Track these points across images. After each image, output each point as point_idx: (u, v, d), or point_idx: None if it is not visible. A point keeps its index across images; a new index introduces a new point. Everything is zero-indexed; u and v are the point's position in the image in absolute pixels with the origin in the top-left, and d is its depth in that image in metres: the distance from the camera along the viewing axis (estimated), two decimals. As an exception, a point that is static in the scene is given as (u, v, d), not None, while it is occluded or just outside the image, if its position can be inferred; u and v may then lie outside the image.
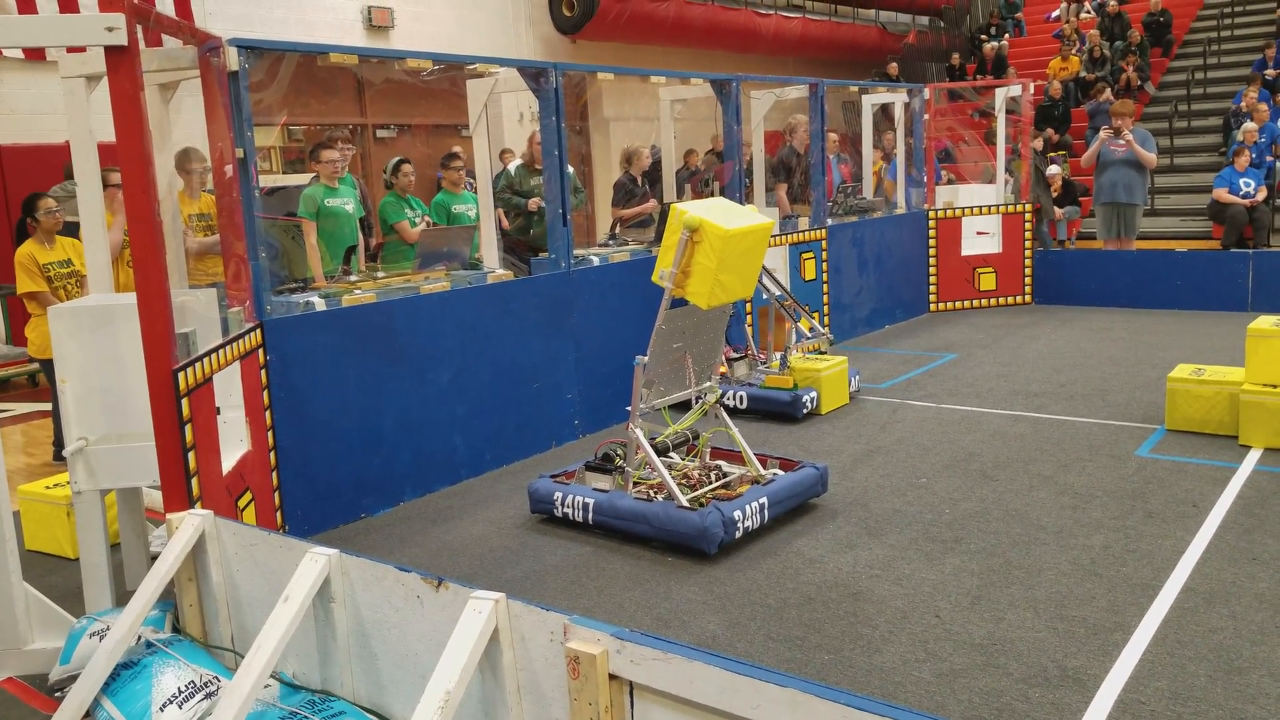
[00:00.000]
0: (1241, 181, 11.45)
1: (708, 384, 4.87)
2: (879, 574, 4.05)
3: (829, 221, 8.64)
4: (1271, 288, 8.94)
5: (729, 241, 4.26)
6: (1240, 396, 5.35)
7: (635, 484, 4.65)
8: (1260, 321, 5.38)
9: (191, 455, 3.68)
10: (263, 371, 4.60)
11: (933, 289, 10.06)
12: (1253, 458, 5.17)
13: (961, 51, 18.13)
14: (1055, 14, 18.44)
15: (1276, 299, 8.76)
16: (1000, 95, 10.56)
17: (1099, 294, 9.84)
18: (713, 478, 4.71)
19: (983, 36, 18.23)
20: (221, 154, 4.51)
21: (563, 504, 4.70)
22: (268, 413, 4.62)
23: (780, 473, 4.80)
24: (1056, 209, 12.42)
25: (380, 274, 5.88)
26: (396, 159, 7.10)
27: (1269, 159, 12.07)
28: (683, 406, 4.96)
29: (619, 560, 4.33)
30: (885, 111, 10.23)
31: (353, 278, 5.42)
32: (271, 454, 4.64)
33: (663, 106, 7.85)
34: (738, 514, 4.33)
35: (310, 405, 4.80)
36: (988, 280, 10.09)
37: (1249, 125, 12.21)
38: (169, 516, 3.54)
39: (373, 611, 3.03)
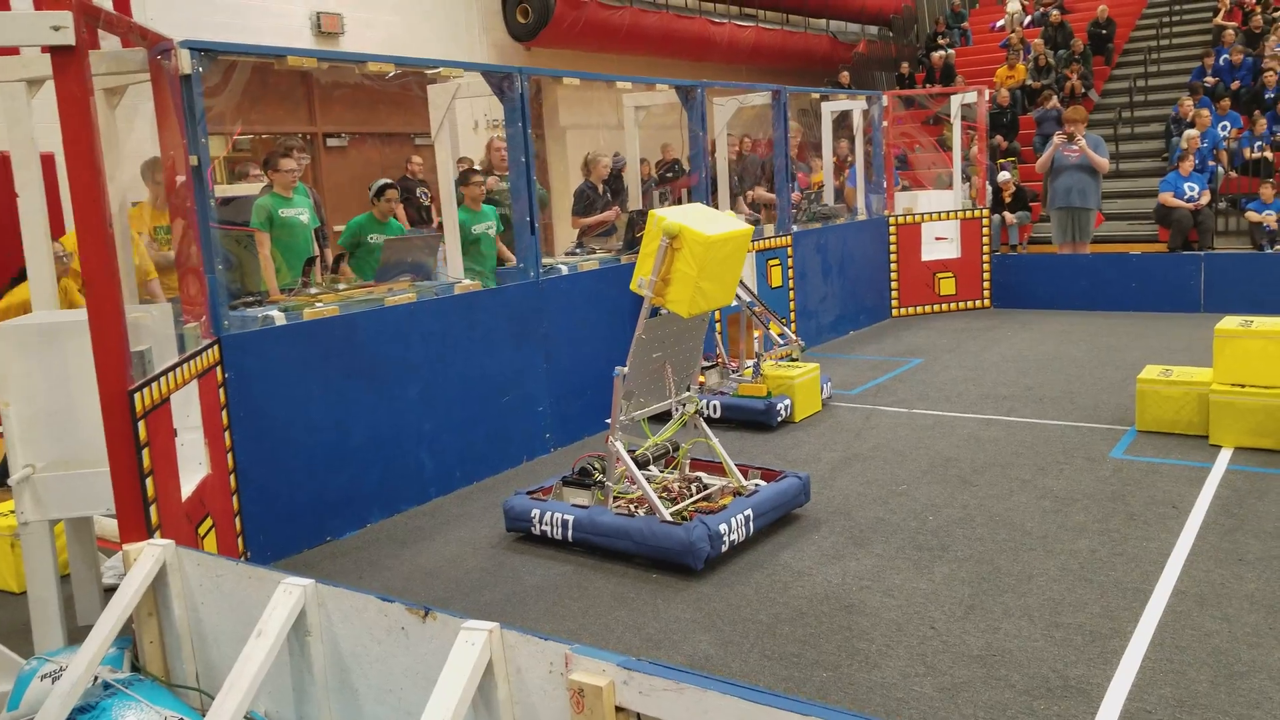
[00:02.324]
0: (1186, 186, 11.69)
1: (687, 394, 4.75)
2: (869, 585, 3.96)
3: (794, 228, 8.61)
4: (1222, 289, 9.11)
5: (710, 248, 4.16)
6: (1210, 396, 5.39)
7: (615, 499, 4.51)
8: (1226, 322, 5.43)
9: (149, 481, 3.47)
10: (221, 390, 4.38)
11: (895, 294, 10.09)
12: (1224, 457, 5.20)
13: (910, 61, 18.33)
14: (1000, 24, 18.74)
15: (1228, 300, 8.92)
16: (955, 102, 10.64)
17: (1056, 297, 9.95)
18: (694, 490, 4.59)
19: (939, 42, 18.44)
20: (174, 162, 4.29)
21: (540, 521, 4.55)
22: (227, 433, 4.40)
23: (762, 483, 4.70)
24: (1008, 214, 12.57)
25: (341, 286, 5.67)
26: (382, 182, 6.76)
27: (1210, 164, 12.34)
28: (660, 417, 4.84)
29: (601, 579, 4.19)
30: (844, 119, 10.25)
31: (313, 290, 5.21)
32: (232, 477, 4.42)
33: (627, 113, 7.74)
34: (723, 527, 4.21)
35: (271, 424, 4.59)
36: (948, 285, 10.15)
37: (1190, 132, 12.47)
38: (126, 548, 3.32)
39: (353, 644, 2.85)
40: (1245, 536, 4.20)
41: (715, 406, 6.44)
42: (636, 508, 4.43)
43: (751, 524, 4.39)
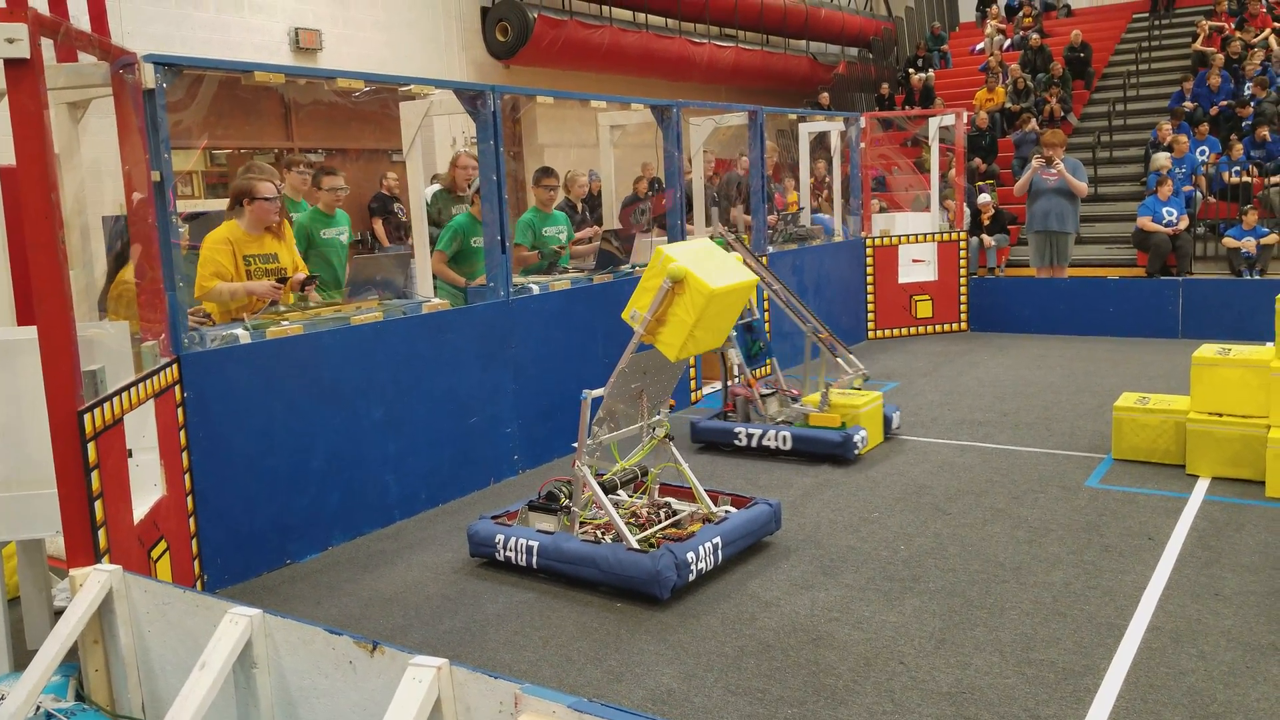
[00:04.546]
0: (1164, 210, 11.76)
1: (657, 417, 4.66)
2: (838, 617, 3.88)
3: (769, 249, 8.57)
4: (1201, 314, 9.12)
5: (713, 300, 4.01)
6: (1187, 426, 5.36)
7: (581, 524, 4.41)
8: (1204, 350, 5.40)
9: (98, 504, 3.36)
10: (180, 410, 4.27)
11: (871, 316, 10.06)
12: (1201, 487, 5.16)
13: (890, 82, 18.44)
14: (979, 46, 18.90)
15: (1206, 325, 8.94)
16: (933, 124, 10.67)
17: (1033, 321, 9.95)
18: (662, 516, 4.50)
19: (912, 69, 18.57)
20: (135, 177, 4.19)
21: (505, 547, 4.44)
22: (185, 454, 4.28)
23: (732, 510, 4.61)
24: (986, 237, 12.60)
25: (310, 304, 5.56)
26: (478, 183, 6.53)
27: (1187, 189, 12.43)
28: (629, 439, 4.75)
29: (565, 607, 4.09)
30: (821, 140, 10.25)
31: (280, 308, 5.10)
32: (189, 498, 4.30)
33: (602, 132, 7.70)
34: (690, 555, 4.11)
35: (231, 445, 4.47)
36: (924, 308, 10.13)
37: (1160, 156, 12.55)
38: (72, 572, 3.21)
39: (300, 678, 2.75)
40: (1222, 570, 4.15)
41: (785, 439, 5.98)
42: (603, 534, 4.33)
43: (720, 552, 4.29)
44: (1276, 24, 15.25)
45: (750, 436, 6.10)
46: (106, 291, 4.84)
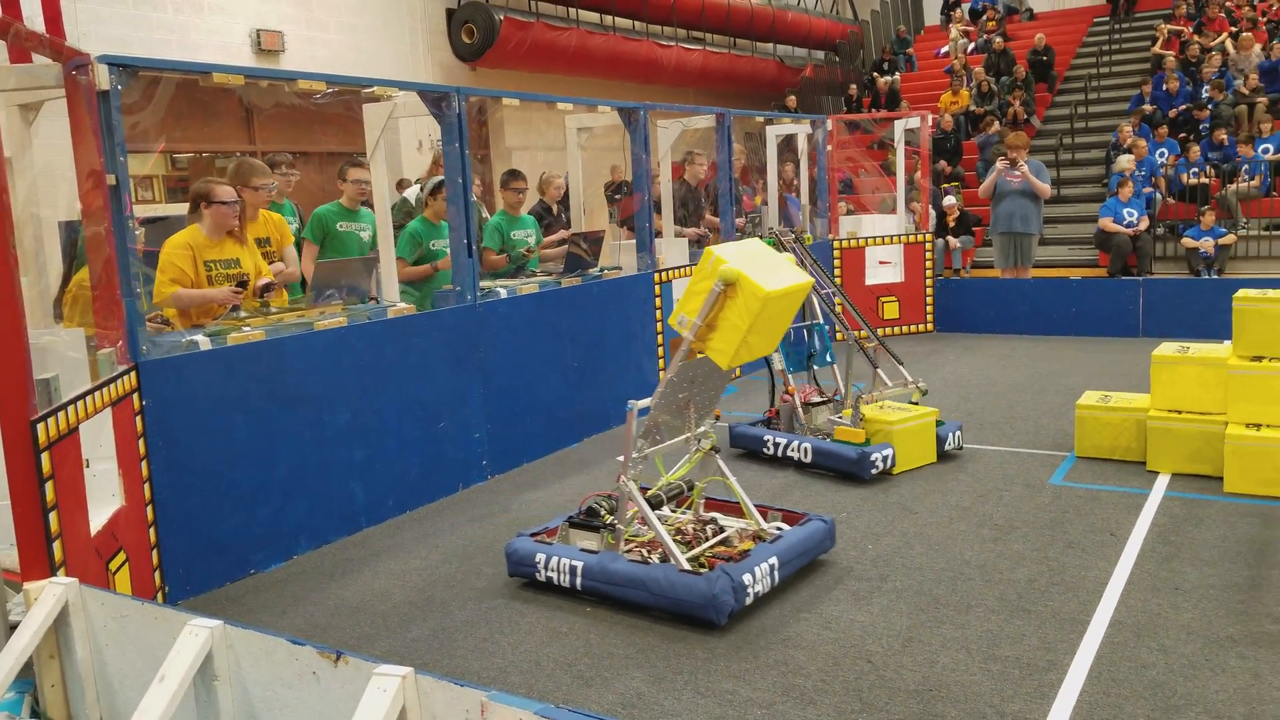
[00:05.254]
0: (1125, 211, 11.93)
1: (702, 429, 4.38)
2: (806, 616, 3.89)
3: (738, 251, 8.58)
4: (1161, 313, 9.27)
5: (768, 304, 3.78)
6: (1147, 423, 5.43)
7: (625, 542, 4.18)
8: (1163, 348, 5.48)
9: (53, 516, 3.29)
10: (138, 418, 4.20)
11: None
12: (1162, 483, 5.23)
13: (857, 85, 18.57)
14: (944, 50, 19.08)
15: (1166, 324, 9.07)
16: (899, 127, 10.76)
17: (998, 321, 10.05)
18: (710, 533, 4.24)
19: (875, 74, 18.73)
20: (89, 181, 4.12)
21: (546, 567, 4.15)
22: (144, 463, 4.21)
23: (785, 526, 4.35)
24: (952, 239, 12.72)
25: (272, 309, 5.49)
26: (438, 179, 6.41)
27: (1147, 191, 12.63)
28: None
29: (535, 613, 4.06)
30: (789, 142, 10.29)
31: (242, 314, 5.03)
32: (149, 509, 4.23)
33: (569, 134, 7.68)
34: (747, 578, 3.85)
35: (193, 454, 4.40)
36: (891, 309, 10.20)
37: (1121, 158, 12.75)
38: (26, 586, 3.14)
39: (262, 690, 2.70)
40: (1182, 564, 4.21)
41: (806, 450, 5.70)
42: (649, 552, 4.09)
43: (776, 573, 4.02)
44: (1233, 28, 15.54)
45: (777, 446, 5.88)
46: (61, 297, 4.75)
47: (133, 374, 4.18)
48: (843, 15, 21.78)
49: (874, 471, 5.44)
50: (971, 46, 18.40)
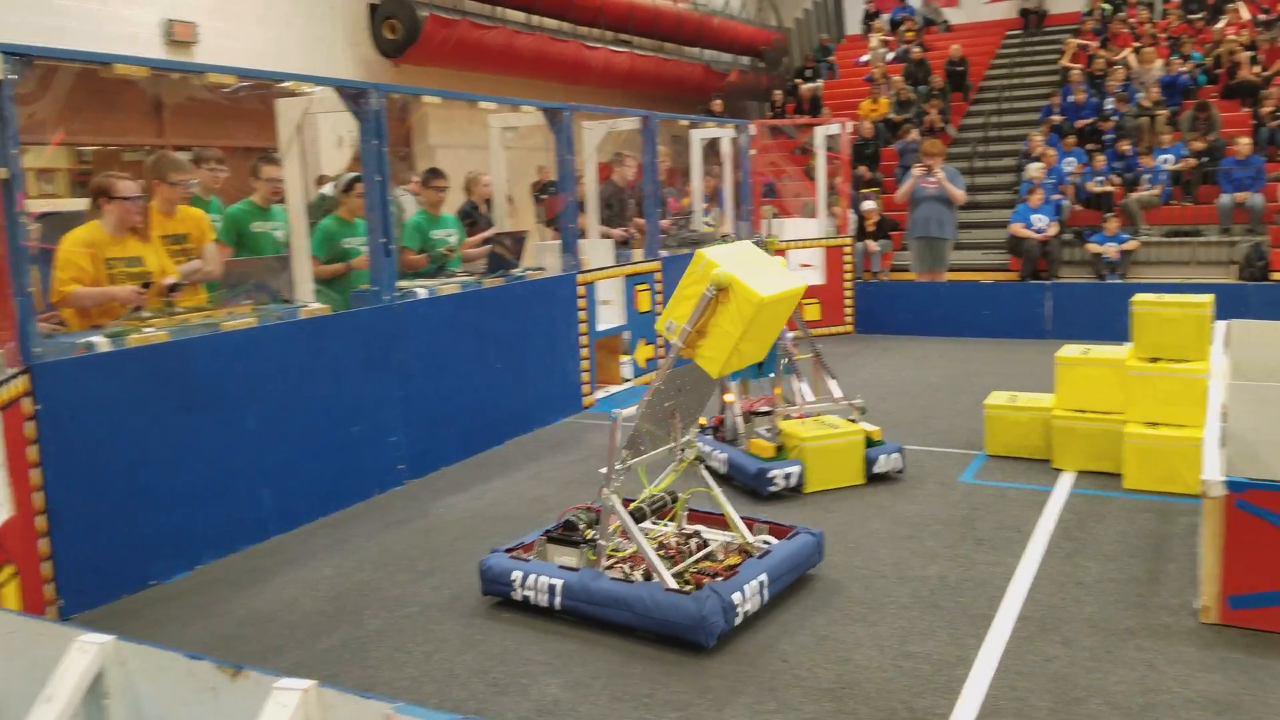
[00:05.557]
0: (1035, 217, 12.31)
1: (686, 438, 4.21)
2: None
3: (663, 253, 8.62)
4: (1068, 316, 9.58)
5: (762, 310, 3.65)
6: (1052, 422, 5.60)
7: (607, 557, 4.00)
8: (1066, 350, 5.66)
9: (-68, 527, 3.11)
10: (30, 423, 4.01)
11: (762, 320, 10.21)
12: (1066, 481, 5.40)
13: (782, 91, 18.79)
14: (865, 58, 19.44)
15: (1073, 327, 9.37)
16: (820, 133, 10.92)
17: (915, 323, 10.27)
18: (694, 547, 4.11)
19: (798, 80, 18.99)
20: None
21: (523, 585, 3.96)
22: (36, 471, 4.02)
23: (772, 540, 4.21)
24: (871, 242, 12.96)
25: (178, 310, 5.31)
26: (352, 175, 6.14)
27: (1056, 198, 13.06)
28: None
29: (450, 620, 4.00)
30: (713, 146, 10.37)
31: (144, 314, 4.84)
32: (41, 518, 4.04)
33: (493, 134, 7.60)
34: (737, 597, 3.70)
35: (90, 461, 4.22)
36: (812, 311, 10.34)
37: (1032, 166, 13.16)
38: (-99, 603, 2.97)
39: (158, 708, 2.59)
40: (1085, 559, 4.35)
41: (723, 460, 5.52)
42: (632, 568, 3.93)
43: (766, 591, 3.88)
44: (1136, 43, 16.16)
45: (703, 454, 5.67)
46: None
47: (25, 377, 3.99)
48: (767, 22, 22.04)
49: (771, 490, 5.21)
50: (891, 56, 18.77)
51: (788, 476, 5.24)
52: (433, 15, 12.66)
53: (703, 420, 5.94)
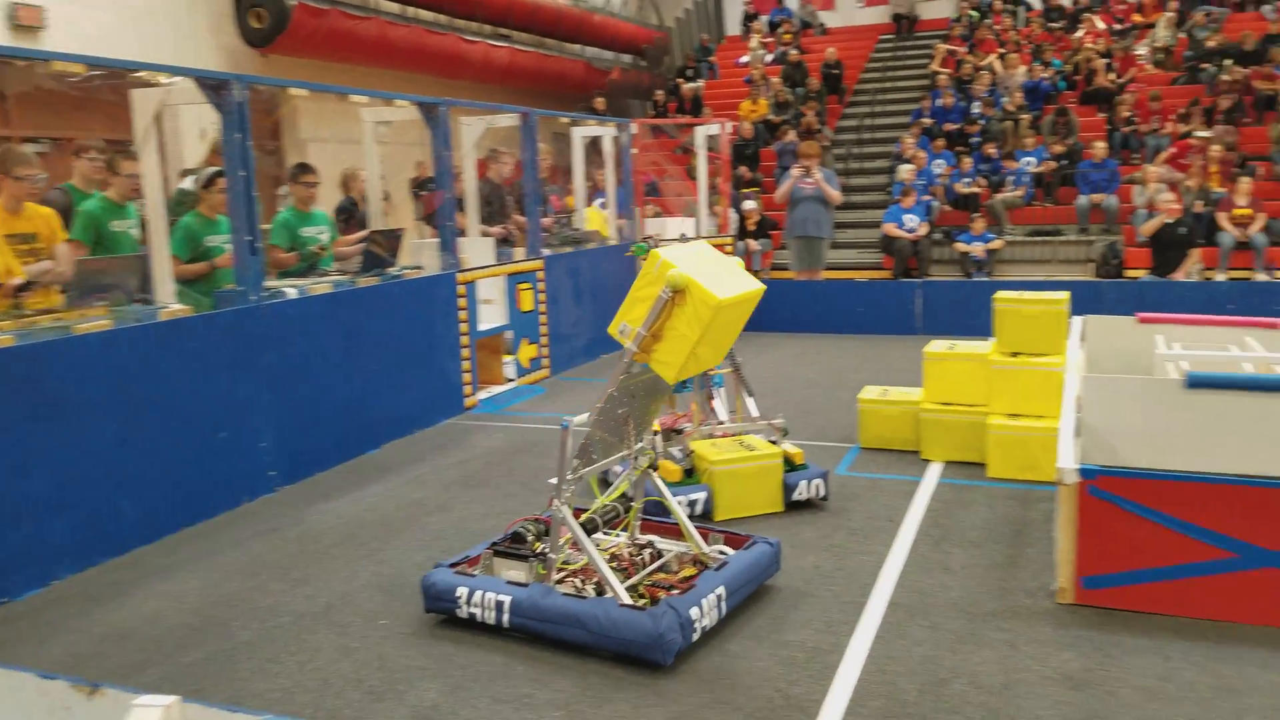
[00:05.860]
0: (907, 218, 12.79)
1: (640, 445, 4.03)
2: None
3: (545, 252, 8.57)
4: (937, 312, 9.99)
5: (719, 313, 3.54)
6: (920, 415, 5.82)
7: (557, 571, 3.81)
8: (934, 345, 5.90)
9: None
10: None
11: (645, 318, 10.28)
12: (934, 471, 5.63)
13: (664, 90, 18.95)
14: (745, 59, 19.79)
15: (941, 323, 9.78)
16: (701, 133, 11.06)
17: (793, 321, 10.51)
18: (647, 558, 3.96)
19: (680, 80, 19.19)
20: None
21: (469, 602, 3.76)
22: None
23: (728, 550, 4.06)
24: (751, 241, 13.22)
25: (26, 312, 4.98)
26: (213, 170, 5.76)
27: (926, 198, 13.59)
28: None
29: (324, 629, 3.88)
30: (595, 144, 10.37)
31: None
32: None
33: (365, 128, 7.41)
34: (694, 612, 3.55)
35: (-75, 473, 3.92)
36: (695, 308, 10.47)
37: (903, 168, 13.67)
38: None
39: (2, 734, 2.44)
40: (951, 546, 4.54)
41: None
42: (583, 582, 3.77)
43: (724, 604, 3.74)
44: (1001, 50, 16.96)
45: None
46: None
47: None
48: (648, 21, 22.19)
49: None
50: (770, 57, 19.17)
51: (692, 504, 4.88)
52: (301, 4, 12.24)
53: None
